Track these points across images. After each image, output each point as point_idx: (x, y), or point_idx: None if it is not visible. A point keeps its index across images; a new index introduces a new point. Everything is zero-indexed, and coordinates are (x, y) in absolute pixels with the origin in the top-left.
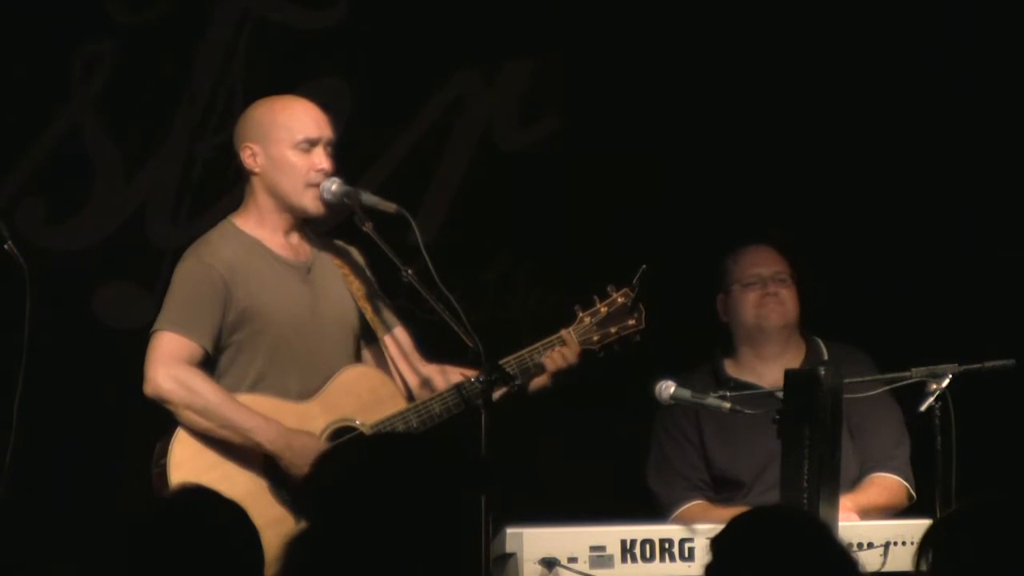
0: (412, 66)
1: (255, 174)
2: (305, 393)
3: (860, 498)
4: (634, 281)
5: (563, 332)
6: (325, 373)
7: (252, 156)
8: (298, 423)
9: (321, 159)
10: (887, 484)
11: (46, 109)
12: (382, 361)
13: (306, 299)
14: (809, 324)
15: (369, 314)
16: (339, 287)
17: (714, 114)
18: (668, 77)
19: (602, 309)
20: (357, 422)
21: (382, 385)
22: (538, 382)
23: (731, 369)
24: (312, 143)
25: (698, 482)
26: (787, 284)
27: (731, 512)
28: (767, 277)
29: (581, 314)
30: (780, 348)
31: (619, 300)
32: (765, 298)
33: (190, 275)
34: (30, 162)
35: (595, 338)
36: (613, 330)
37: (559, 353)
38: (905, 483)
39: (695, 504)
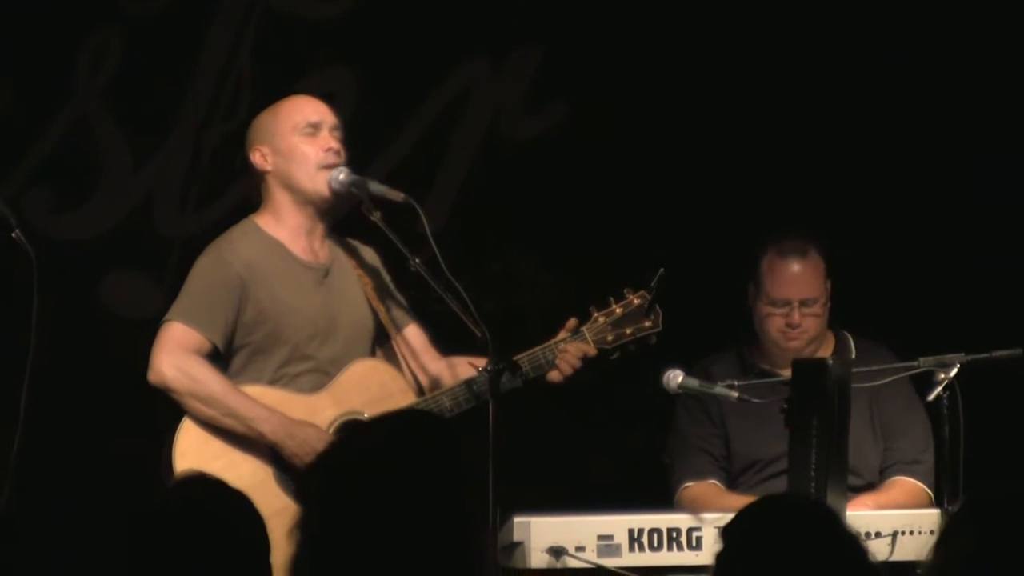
0: (419, 55)
1: (268, 172)
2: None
3: (882, 498)
4: (652, 284)
5: (576, 326)
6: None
7: (262, 157)
8: (307, 415)
9: (327, 140)
10: (909, 488)
11: (53, 99)
12: (393, 360)
13: (323, 302)
14: (837, 318)
15: (382, 315)
16: (356, 290)
17: (723, 102)
18: (674, 65)
19: (617, 310)
20: (365, 415)
21: (392, 379)
22: (551, 377)
23: (756, 355)
24: (315, 126)
25: (716, 458)
26: (814, 310)
27: (740, 500)
28: (795, 303)
29: (596, 314)
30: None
31: (635, 302)
32: (788, 328)
33: (207, 270)
34: (38, 152)
35: (609, 338)
36: (628, 331)
37: (570, 350)
38: (927, 490)
39: (708, 484)
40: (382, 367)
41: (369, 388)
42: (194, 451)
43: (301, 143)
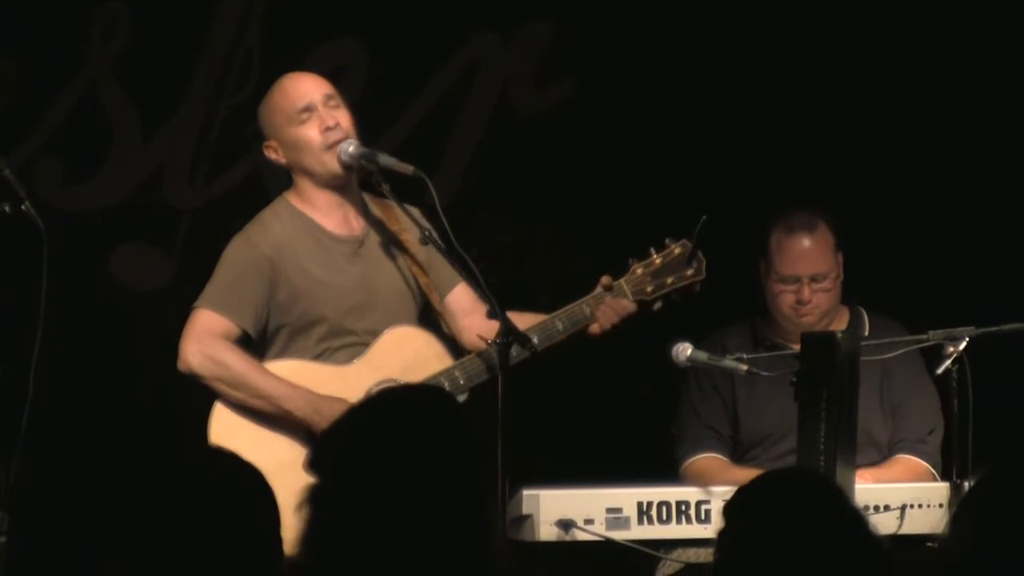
0: (429, 28)
1: (285, 164)
2: None
3: (883, 474)
4: (694, 232)
5: (610, 282)
6: None
7: (274, 151)
8: (341, 386)
9: (324, 118)
10: (912, 467)
11: (64, 70)
12: (437, 325)
13: (359, 275)
14: (851, 293)
15: (423, 280)
16: (396, 257)
17: (736, 73)
18: (684, 39)
19: (656, 260)
20: (401, 383)
21: (427, 344)
22: (591, 331)
23: (768, 329)
24: (309, 109)
25: (721, 435)
26: (825, 285)
27: (745, 473)
28: (805, 280)
29: (634, 265)
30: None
31: (676, 251)
32: (799, 305)
33: (236, 255)
34: (48, 123)
35: (649, 289)
36: (669, 280)
37: (608, 304)
38: (932, 470)
39: (712, 457)
40: (416, 333)
41: (404, 354)
42: (227, 433)
43: (300, 131)
